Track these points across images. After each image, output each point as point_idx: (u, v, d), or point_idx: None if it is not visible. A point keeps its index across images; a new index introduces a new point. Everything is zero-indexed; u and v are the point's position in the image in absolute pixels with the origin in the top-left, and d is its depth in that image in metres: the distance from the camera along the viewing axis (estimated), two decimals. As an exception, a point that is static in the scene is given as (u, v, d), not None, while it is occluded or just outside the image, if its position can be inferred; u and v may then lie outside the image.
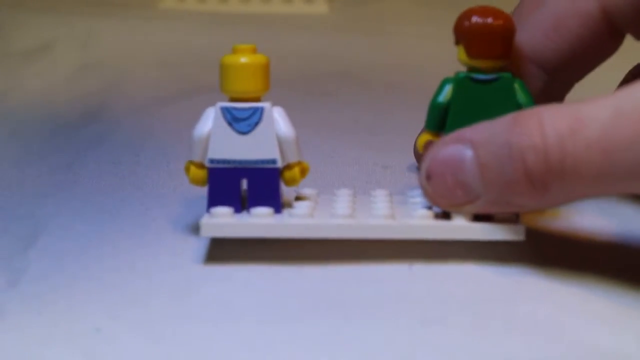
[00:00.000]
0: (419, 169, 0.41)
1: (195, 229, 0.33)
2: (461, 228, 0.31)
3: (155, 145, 0.45)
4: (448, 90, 0.32)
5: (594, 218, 0.35)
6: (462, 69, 0.32)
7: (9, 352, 0.26)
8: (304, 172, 0.32)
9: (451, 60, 0.32)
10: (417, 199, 0.33)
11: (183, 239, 0.33)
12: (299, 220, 0.31)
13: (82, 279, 0.30)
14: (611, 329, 0.27)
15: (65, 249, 0.33)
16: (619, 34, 0.35)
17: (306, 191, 0.34)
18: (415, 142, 0.40)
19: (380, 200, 0.33)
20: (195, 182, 0.32)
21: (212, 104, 0.32)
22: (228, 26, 0.71)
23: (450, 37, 0.32)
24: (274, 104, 0.32)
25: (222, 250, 0.32)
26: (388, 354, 0.26)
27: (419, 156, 0.40)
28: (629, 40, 0.36)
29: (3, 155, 0.44)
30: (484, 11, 0.31)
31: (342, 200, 0.32)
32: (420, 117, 0.34)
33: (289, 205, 0.32)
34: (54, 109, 0.52)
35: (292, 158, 0.32)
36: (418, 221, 0.31)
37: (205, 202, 0.32)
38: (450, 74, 0.33)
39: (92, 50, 0.65)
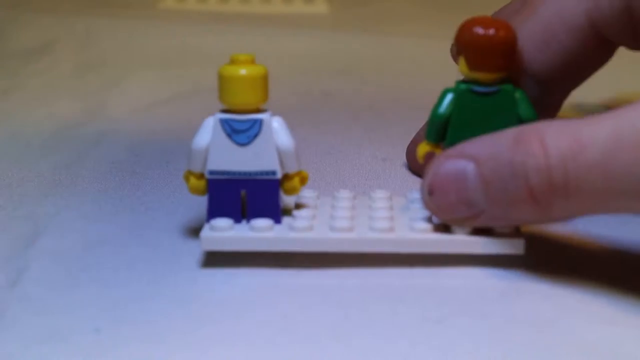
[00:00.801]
0: (410, 169, 0.41)
1: (194, 230, 0.33)
2: (461, 242, 0.31)
3: (155, 145, 0.45)
4: (449, 101, 0.32)
5: (593, 221, 0.34)
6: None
7: (9, 352, 0.26)
8: (303, 181, 0.32)
9: (450, 60, 0.32)
10: (417, 204, 0.32)
11: (183, 239, 0.33)
12: (298, 234, 0.31)
13: (82, 279, 0.30)
14: (611, 328, 0.27)
15: (65, 249, 0.33)
16: (609, 44, 0.35)
17: (306, 194, 0.34)
18: (409, 147, 0.40)
19: (380, 207, 0.32)
20: (195, 192, 0.32)
21: (212, 104, 0.32)
22: (228, 26, 0.71)
23: (449, 36, 0.32)
24: (274, 104, 0.32)
25: (222, 251, 0.32)
26: (388, 354, 0.26)
27: (412, 162, 0.40)
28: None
29: (3, 155, 0.44)
30: (485, 23, 0.30)
31: (342, 208, 0.32)
32: (419, 117, 0.34)
33: (289, 213, 0.32)
34: (54, 109, 0.52)
35: (292, 169, 0.31)
36: (417, 235, 0.31)
37: (204, 202, 0.32)
38: (449, 73, 0.32)
39: (92, 50, 0.65)
